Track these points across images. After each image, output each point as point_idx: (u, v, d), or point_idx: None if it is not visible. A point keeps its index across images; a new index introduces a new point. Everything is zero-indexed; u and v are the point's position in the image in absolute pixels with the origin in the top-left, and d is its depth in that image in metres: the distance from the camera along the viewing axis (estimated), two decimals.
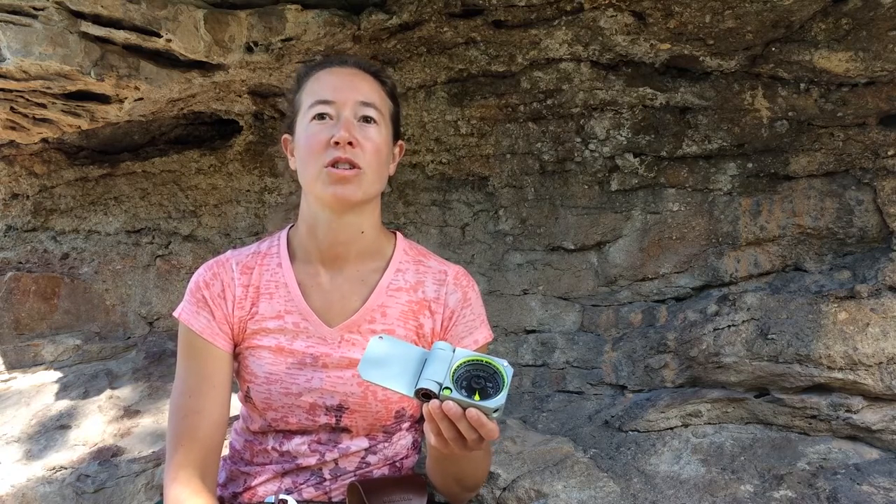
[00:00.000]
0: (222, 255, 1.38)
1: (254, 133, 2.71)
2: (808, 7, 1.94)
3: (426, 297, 1.36)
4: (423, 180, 2.52)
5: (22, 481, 2.15)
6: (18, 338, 2.87)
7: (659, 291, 2.27)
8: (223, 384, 1.30)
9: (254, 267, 1.35)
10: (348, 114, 1.26)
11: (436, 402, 1.00)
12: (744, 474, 1.83)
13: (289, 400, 1.30)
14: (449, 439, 1.02)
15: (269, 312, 1.32)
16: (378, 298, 1.34)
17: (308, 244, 1.35)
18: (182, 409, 1.27)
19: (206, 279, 1.33)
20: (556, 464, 1.88)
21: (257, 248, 1.40)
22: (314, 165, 1.25)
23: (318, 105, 1.26)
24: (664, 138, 2.24)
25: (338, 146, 1.23)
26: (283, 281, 1.33)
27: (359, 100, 1.28)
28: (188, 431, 1.25)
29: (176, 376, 1.31)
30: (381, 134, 1.29)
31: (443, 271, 1.39)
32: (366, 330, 1.32)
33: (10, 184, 3.00)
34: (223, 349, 1.30)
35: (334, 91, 1.27)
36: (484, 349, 1.39)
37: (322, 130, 1.25)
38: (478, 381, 1.01)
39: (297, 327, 1.31)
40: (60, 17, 1.90)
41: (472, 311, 1.38)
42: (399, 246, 1.40)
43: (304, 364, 1.30)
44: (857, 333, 1.87)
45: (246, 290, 1.32)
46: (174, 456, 1.24)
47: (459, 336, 1.36)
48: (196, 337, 1.29)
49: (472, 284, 1.41)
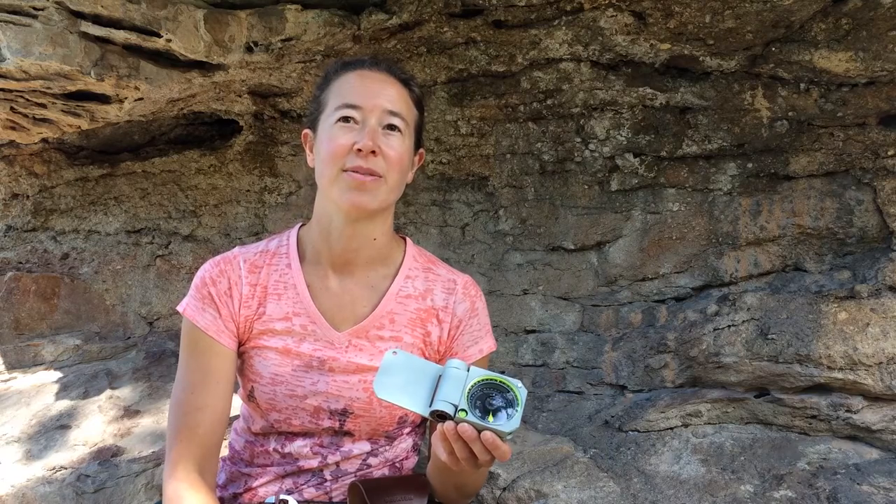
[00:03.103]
0: (230, 251, 1.36)
1: (254, 133, 2.71)
2: (808, 7, 1.94)
3: (435, 305, 1.36)
4: (423, 180, 2.52)
5: (22, 481, 2.15)
6: (18, 338, 2.87)
7: (659, 291, 2.27)
8: (226, 382, 1.29)
9: (262, 266, 1.34)
10: (374, 121, 1.25)
11: (451, 424, 1.00)
12: (744, 474, 1.83)
13: (293, 402, 1.29)
14: (461, 459, 1.02)
15: (276, 313, 1.31)
16: (387, 305, 1.33)
17: (319, 246, 1.34)
18: (183, 405, 1.26)
19: (212, 275, 1.32)
20: (556, 464, 1.88)
21: (266, 246, 1.38)
22: (333, 168, 1.24)
23: (344, 108, 1.25)
24: (664, 138, 2.24)
25: (360, 153, 1.22)
26: (293, 282, 1.33)
27: (386, 108, 1.26)
28: (189, 427, 1.24)
29: (178, 372, 1.30)
30: (403, 143, 1.28)
31: (452, 280, 1.39)
32: (374, 336, 1.32)
33: (10, 184, 3.00)
34: (228, 347, 1.29)
35: (363, 96, 1.26)
36: (487, 358, 1.40)
37: (346, 134, 1.23)
38: (491, 403, 1.02)
39: (304, 329, 1.30)
40: (60, 17, 1.90)
41: (479, 321, 1.38)
42: (409, 253, 1.40)
43: (311, 367, 1.29)
44: (857, 333, 1.87)
45: (253, 290, 1.32)
46: (173, 452, 1.24)
47: (465, 345, 1.36)
48: (200, 333, 1.28)
49: (479, 294, 1.41)
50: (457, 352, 1.36)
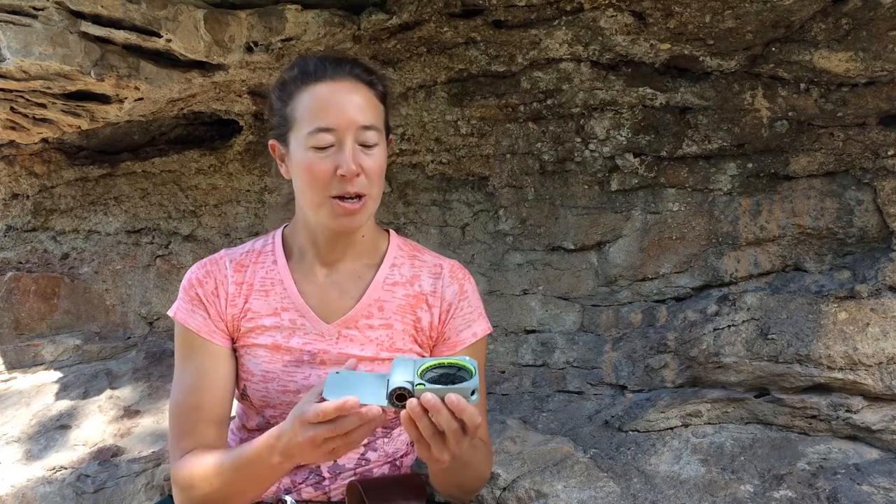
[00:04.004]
0: (216, 253, 1.37)
1: (254, 133, 2.71)
2: (808, 7, 1.94)
3: (423, 290, 1.35)
4: (423, 180, 2.52)
5: (22, 481, 2.15)
6: (18, 338, 2.87)
7: (659, 291, 2.27)
8: (224, 380, 1.29)
9: (248, 265, 1.35)
10: (350, 141, 1.22)
11: (413, 400, 0.97)
12: (744, 474, 1.83)
13: (286, 398, 1.29)
14: (428, 438, 0.98)
15: (264, 310, 1.31)
16: (374, 293, 1.33)
17: (305, 246, 1.35)
18: (182, 406, 1.26)
19: (198, 277, 1.32)
20: (556, 464, 1.88)
21: (251, 246, 1.39)
22: (318, 195, 1.23)
23: (318, 133, 1.21)
24: (664, 138, 2.24)
25: (345, 179, 1.20)
26: (279, 278, 1.33)
27: (360, 123, 1.22)
28: (191, 427, 1.24)
29: (175, 375, 1.30)
30: (380, 148, 1.27)
31: (438, 265, 1.39)
32: (363, 325, 1.32)
33: (10, 184, 3.01)
34: (222, 345, 1.30)
35: (334, 115, 1.21)
36: (483, 342, 1.39)
37: (324, 161, 1.21)
38: (447, 377, 1.00)
39: (293, 324, 1.31)
40: (60, 17, 1.90)
41: (470, 303, 1.37)
42: (393, 242, 1.40)
43: (302, 361, 1.30)
44: (857, 333, 1.87)
45: (239, 288, 1.32)
46: (177, 449, 1.24)
47: (458, 329, 1.35)
48: (193, 335, 1.29)
49: (468, 277, 1.40)
50: (449, 336, 1.35)
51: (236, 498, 1.19)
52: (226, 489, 1.16)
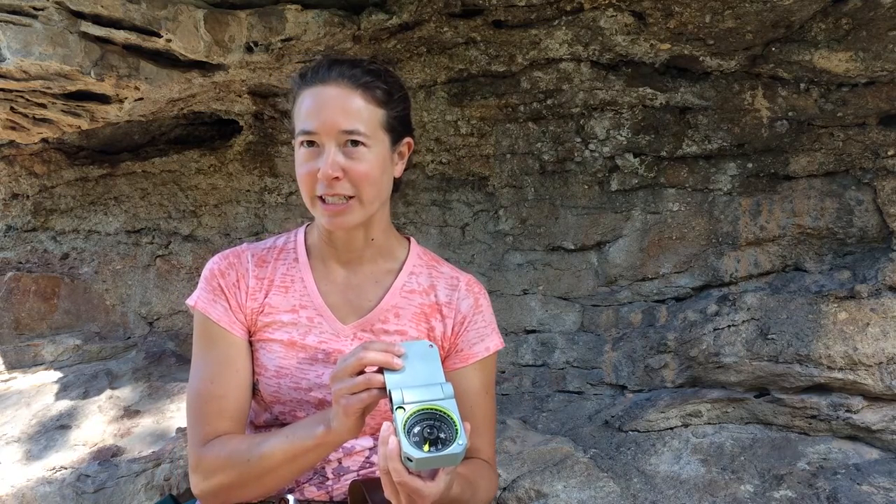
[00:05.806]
0: (238, 246, 1.38)
1: (254, 133, 2.71)
2: (808, 7, 1.94)
3: (438, 301, 1.37)
4: (423, 180, 2.52)
5: (22, 481, 2.15)
6: (18, 338, 2.87)
7: (659, 291, 2.27)
8: (244, 370, 1.30)
9: (270, 261, 1.36)
10: (332, 145, 1.23)
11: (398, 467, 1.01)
12: (744, 474, 1.83)
13: (298, 395, 1.30)
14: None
15: (283, 306, 1.32)
16: (392, 299, 1.34)
17: (321, 245, 1.36)
18: (203, 395, 1.27)
19: (221, 268, 1.33)
20: (557, 464, 1.88)
21: (274, 242, 1.41)
22: (307, 194, 1.27)
23: (303, 135, 1.25)
24: (664, 138, 2.24)
25: (326, 181, 1.23)
26: (300, 276, 1.34)
27: (342, 128, 1.23)
28: (215, 415, 1.25)
29: (193, 365, 1.30)
30: (372, 152, 1.27)
31: (455, 277, 1.40)
32: (378, 329, 1.33)
33: (10, 184, 3.00)
34: (241, 337, 1.30)
35: (317, 120, 1.23)
36: (494, 357, 1.40)
37: (310, 160, 1.24)
38: (431, 428, 1.02)
39: (310, 322, 1.31)
40: (60, 17, 1.90)
41: (484, 318, 1.39)
42: (413, 250, 1.41)
43: (316, 359, 1.30)
44: (857, 333, 1.87)
45: (260, 283, 1.33)
46: (199, 436, 1.24)
47: (471, 342, 1.36)
48: (213, 325, 1.29)
49: (483, 292, 1.42)
50: (462, 348, 1.36)
51: (268, 478, 1.22)
52: (263, 469, 1.20)
